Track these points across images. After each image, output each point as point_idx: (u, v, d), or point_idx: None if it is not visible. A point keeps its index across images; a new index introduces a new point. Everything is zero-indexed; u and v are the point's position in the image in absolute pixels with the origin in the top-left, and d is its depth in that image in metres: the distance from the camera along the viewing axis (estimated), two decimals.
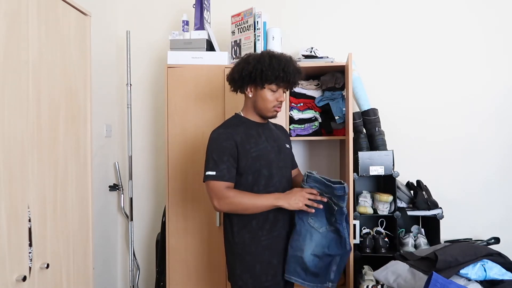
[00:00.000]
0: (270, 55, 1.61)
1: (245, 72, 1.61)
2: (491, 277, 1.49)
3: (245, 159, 1.59)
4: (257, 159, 1.60)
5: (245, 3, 2.48)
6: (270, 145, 1.66)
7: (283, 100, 1.65)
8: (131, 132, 2.68)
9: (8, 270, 1.22)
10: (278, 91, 1.63)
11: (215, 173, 1.55)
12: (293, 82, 1.65)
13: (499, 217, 2.56)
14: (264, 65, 1.58)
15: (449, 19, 2.62)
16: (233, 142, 1.58)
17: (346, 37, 2.68)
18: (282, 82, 1.61)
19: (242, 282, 1.61)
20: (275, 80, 1.59)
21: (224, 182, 1.56)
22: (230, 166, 1.57)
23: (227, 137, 1.58)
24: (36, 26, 1.37)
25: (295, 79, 1.65)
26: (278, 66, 1.58)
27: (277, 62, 1.59)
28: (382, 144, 2.27)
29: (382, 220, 2.36)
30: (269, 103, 1.63)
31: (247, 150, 1.59)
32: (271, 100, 1.63)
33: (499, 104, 2.58)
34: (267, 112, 1.65)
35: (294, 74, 1.63)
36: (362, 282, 2.10)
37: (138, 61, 2.79)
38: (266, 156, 1.62)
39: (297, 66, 1.67)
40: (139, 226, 2.81)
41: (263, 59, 1.60)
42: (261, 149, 1.62)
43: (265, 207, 1.56)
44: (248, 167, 1.59)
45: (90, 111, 1.73)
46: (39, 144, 1.38)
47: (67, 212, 1.55)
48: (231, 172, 1.58)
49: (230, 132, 1.60)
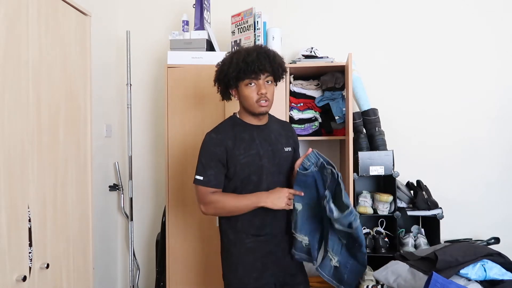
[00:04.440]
0: (233, 53, 1.59)
1: (218, 79, 1.63)
2: (491, 277, 1.49)
3: (233, 165, 1.57)
4: (246, 166, 1.58)
5: (245, 3, 2.47)
6: (263, 150, 1.61)
7: (264, 92, 1.54)
8: (131, 132, 2.68)
9: (8, 270, 1.22)
10: (257, 84, 1.54)
11: (202, 178, 1.57)
12: (261, 68, 1.52)
13: (499, 217, 2.56)
14: (226, 65, 1.57)
15: (449, 18, 2.62)
16: (223, 148, 1.56)
17: (346, 37, 2.68)
18: (248, 73, 1.51)
19: (227, 281, 1.65)
20: (239, 74, 1.52)
21: (210, 188, 1.57)
22: (218, 172, 1.57)
23: (218, 142, 1.57)
24: (36, 26, 1.37)
25: (262, 66, 1.51)
26: (237, 60, 1.53)
27: (237, 57, 1.53)
28: (382, 144, 2.27)
29: (382, 220, 2.36)
30: (251, 99, 1.55)
31: (237, 156, 1.57)
32: (251, 96, 1.55)
33: (500, 103, 2.58)
34: (254, 108, 1.58)
35: (259, 61, 1.51)
36: (362, 282, 2.10)
37: (138, 61, 2.79)
38: (257, 162, 1.59)
39: (266, 51, 1.55)
40: (139, 226, 2.82)
41: (226, 60, 1.59)
42: (251, 155, 1.58)
43: (248, 208, 1.56)
44: (237, 173, 1.58)
45: (90, 111, 1.73)
46: (39, 144, 1.38)
47: (67, 212, 1.56)
48: (219, 177, 1.58)
49: (221, 138, 1.58)
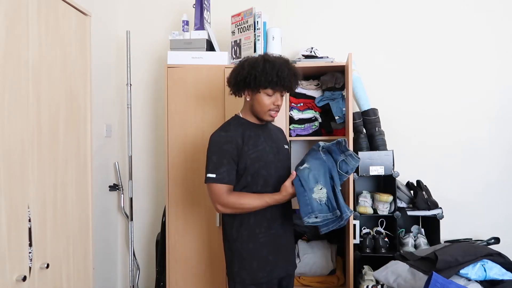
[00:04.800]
0: (264, 60, 1.62)
1: (240, 77, 1.64)
2: (491, 277, 1.49)
3: (244, 160, 1.62)
4: (256, 160, 1.63)
5: (245, 3, 2.47)
6: (269, 146, 1.68)
7: (280, 104, 1.65)
8: (131, 132, 2.68)
9: (8, 270, 1.22)
10: (275, 95, 1.64)
11: (215, 175, 1.59)
12: (289, 86, 1.64)
13: (499, 217, 2.56)
14: (258, 70, 1.59)
15: (449, 18, 2.62)
16: (233, 145, 1.60)
17: (346, 37, 2.68)
18: (276, 87, 1.62)
19: (240, 278, 1.64)
20: (269, 85, 1.60)
21: (224, 185, 1.59)
22: (230, 168, 1.60)
23: (228, 140, 1.61)
24: (36, 26, 1.37)
25: (290, 83, 1.64)
26: (271, 71, 1.58)
27: (270, 67, 1.59)
28: (382, 144, 2.28)
29: (382, 220, 2.36)
30: (265, 107, 1.64)
31: (246, 152, 1.62)
32: (267, 104, 1.64)
33: (499, 103, 2.58)
34: (263, 115, 1.67)
35: (289, 78, 1.61)
36: (362, 282, 2.11)
37: (138, 61, 2.79)
38: (265, 157, 1.65)
39: (293, 69, 1.66)
40: (139, 226, 2.82)
41: (257, 64, 1.61)
42: (259, 150, 1.64)
43: (262, 206, 1.61)
44: (247, 168, 1.62)
45: (90, 111, 1.73)
46: (39, 144, 1.38)
47: (67, 212, 1.56)
48: (231, 174, 1.61)
49: (230, 135, 1.62)
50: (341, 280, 2.29)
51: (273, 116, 1.67)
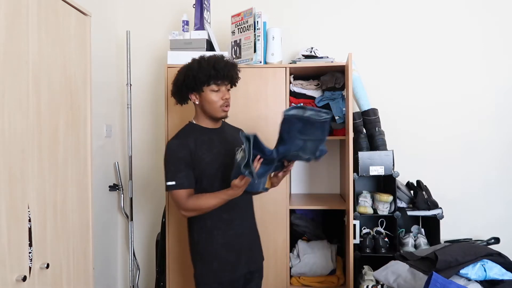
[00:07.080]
0: (199, 58, 1.66)
1: (179, 83, 1.68)
2: (491, 277, 1.49)
3: (199, 165, 1.64)
4: (211, 164, 1.65)
5: (245, 3, 2.48)
6: (224, 149, 1.69)
7: (228, 98, 1.68)
8: (131, 132, 2.69)
9: (8, 270, 1.22)
10: (221, 90, 1.66)
11: (174, 182, 1.61)
12: (229, 76, 1.66)
13: (499, 217, 2.56)
14: (194, 69, 1.63)
15: (448, 19, 2.62)
16: (187, 151, 1.63)
17: (346, 37, 2.68)
18: (217, 79, 1.63)
19: (202, 279, 1.67)
20: (209, 79, 1.63)
21: (184, 190, 1.62)
22: (188, 173, 1.63)
23: (182, 147, 1.63)
24: (36, 26, 1.37)
25: (230, 73, 1.66)
26: (207, 66, 1.62)
27: (206, 63, 1.63)
28: (382, 144, 2.27)
29: (382, 220, 2.36)
30: (215, 104, 1.66)
31: (200, 156, 1.64)
32: (215, 100, 1.66)
33: (498, 103, 2.59)
34: (216, 113, 1.68)
35: (228, 68, 1.64)
36: (362, 282, 2.10)
37: (138, 61, 2.79)
38: (221, 159, 1.67)
39: (230, 61, 1.69)
40: (139, 226, 2.82)
41: (192, 65, 1.65)
42: (214, 153, 1.67)
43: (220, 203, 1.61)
44: (203, 172, 1.65)
45: (90, 111, 1.73)
46: (39, 144, 1.38)
47: (67, 212, 1.55)
48: (190, 178, 1.63)
49: (183, 142, 1.65)
50: (341, 280, 2.29)
51: (226, 110, 1.69)
